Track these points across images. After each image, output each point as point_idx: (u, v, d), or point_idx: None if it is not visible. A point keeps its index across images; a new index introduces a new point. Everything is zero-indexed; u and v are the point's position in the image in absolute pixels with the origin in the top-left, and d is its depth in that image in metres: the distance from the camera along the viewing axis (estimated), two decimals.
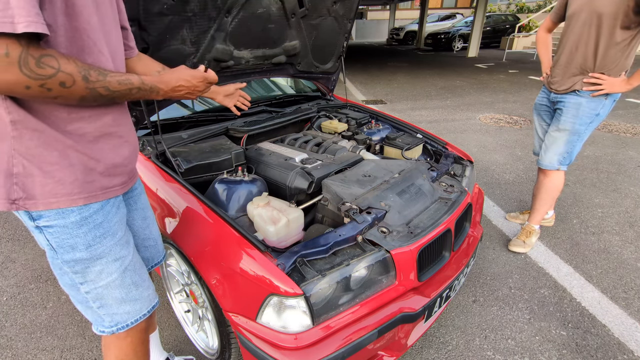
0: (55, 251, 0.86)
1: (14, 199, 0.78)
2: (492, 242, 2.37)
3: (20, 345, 1.66)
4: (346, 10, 2.08)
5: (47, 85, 0.68)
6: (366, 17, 22.26)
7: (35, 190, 0.78)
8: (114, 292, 0.96)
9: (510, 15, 15.16)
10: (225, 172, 1.54)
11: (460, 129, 4.69)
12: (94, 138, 0.84)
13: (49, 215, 0.82)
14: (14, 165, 0.76)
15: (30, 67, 0.65)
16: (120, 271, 0.95)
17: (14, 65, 0.63)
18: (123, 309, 0.99)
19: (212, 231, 1.20)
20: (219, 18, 1.56)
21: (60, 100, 0.73)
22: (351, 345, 1.09)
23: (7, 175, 0.77)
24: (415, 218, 1.35)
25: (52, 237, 0.84)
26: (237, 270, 1.11)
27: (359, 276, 1.14)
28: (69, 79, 0.70)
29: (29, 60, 0.65)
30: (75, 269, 0.89)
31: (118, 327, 1.01)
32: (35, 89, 0.67)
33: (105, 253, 0.91)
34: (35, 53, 0.65)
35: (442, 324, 1.75)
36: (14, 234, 2.48)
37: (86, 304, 0.97)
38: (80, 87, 0.72)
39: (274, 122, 1.92)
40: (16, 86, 0.65)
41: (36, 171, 0.77)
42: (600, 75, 1.86)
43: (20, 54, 0.63)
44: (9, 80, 0.64)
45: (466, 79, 8.20)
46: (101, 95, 0.77)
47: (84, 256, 0.88)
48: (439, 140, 2.04)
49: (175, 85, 0.94)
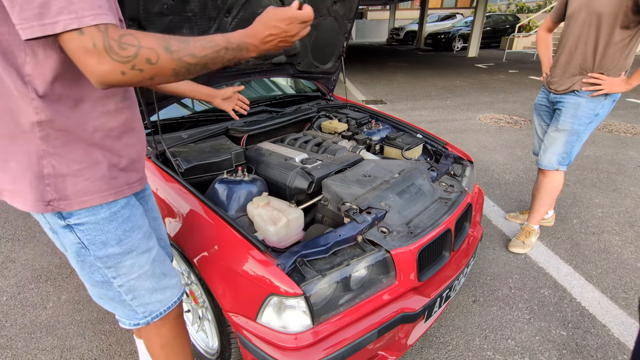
0: (87, 248, 0.86)
1: (48, 201, 0.78)
2: (492, 242, 2.37)
3: (20, 345, 1.66)
4: (346, 10, 2.08)
5: (137, 66, 0.65)
6: (366, 17, 22.26)
7: (68, 190, 0.78)
8: (146, 283, 0.97)
9: (510, 15, 15.16)
10: (225, 172, 1.54)
11: (460, 129, 4.69)
12: (119, 134, 0.84)
13: (79, 213, 0.81)
14: (44, 167, 0.75)
15: (116, 51, 0.63)
16: (150, 262, 0.97)
17: (103, 54, 0.62)
18: (155, 297, 1.01)
19: (212, 231, 1.20)
20: (219, 18, 1.56)
21: (157, 80, 0.70)
22: (351, 345, 1.09)
23: (38, 177, 0.76)
24: (415, 218, 1.35)
25: (83, 234, 0.84)
26: (237, 270, 1.11)
27: (359, 276, 1.14)
28: (153, 54, 0.67)
29: (112, 44, 0.63)
30: (108, 264, 0.89)
31: (152, 317, 1.02)
32: (129, 73, 0.65)
33: (135, 246, 0.92)
34: (114, 35, 0.64)
35: (442, 324, 1.75)
36: (14, 234, 2.48)
37: (119, 298, 0.97)
38: (166, 59, 0.68)
39: (274, 122, 1.92)
40: (113, 75, 0.64)
41: (66, 170, 0.77)
42: (600, 75, 1.86)
43: (104, 41, 0.62)
44: (106, 71, 0.63)
45: (466, 79, 8.20)
46: (190, 64, 0.72)
47: (116, 251, 0.88)
48: (439, 140, 2.04)
49: (264, 36, 0.81)
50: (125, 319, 1.03)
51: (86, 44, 0.62)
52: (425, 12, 14.97)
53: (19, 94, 0.69)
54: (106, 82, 0.65)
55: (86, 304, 1.89)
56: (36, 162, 0.75)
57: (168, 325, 1.08)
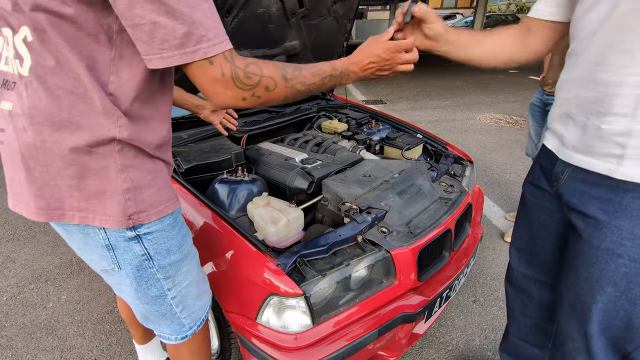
0: (152, 259, 0.83)
1: (130, 215, 0.75)
2: (492, 242, 2.37)
3: (20, 345, 1.66)
4: (346, 10, 2.08)
5: (257, 93, 0.70)
6: (366, 17, 22.27)
7: (145, 202, 0.77)
8: (192, 290, 0.96)
9: (510, 15, 15.17)
10: (225, 172, 1.54)
11: (460, 129, 4.69)
12: (168, 140, 0.84)
13: (150, 223, 0.79)
14: (123, 181, 0.73)
15: (242, 80, 0.68)
16: (197, 266, 0.97)
17: (230, 83, 0.67)
18: (198, 304, 1.00)
19: (212, 231, 1.20)
20: None
21: (265, 104, 0.75)
22: (351, 345, 1.09)
23: (119, 192, 0.73)
24: (415, 218, 1.35)
25: (151, 243, 0.81)
26: (237, 270, 1.11)
27: (359, 276, 1.14)
28: (272, 83, 0.71)
29: (239, 73, 0.67)
30: (168, 273, 0.87)
31: (197, 325, 1.01)
32: (250, 99, 0.70)
33: (189, 250, 0.92)
34: (240, 64, 0.68)
35: (442, 324, 1.75)
36: (14, 234, 2.48)
37: (170, 312, 0.93)
38: (282, 87, 0.73)
39: (274, 122, 1.92)
40: (236, 100, 0.69)
41: (142, 182, 0.76)
42: None
43: (232, 70, 0.66)
44: (231, 97, 0.68)
45: (466, 79, 8.20)
46: (299, 92, 0.77)
47: (177, 257, 0.87)
48: (439, 140, 2.04)
49: (365, 64, 0.85)
50: (172, 335, 0.99)
51: (216, 73, 0.65)
52: None
53: (104, 111, 0.67)
54: (227, 106, 0.71)
55: (86, 304, 1.89)
56: (114, 177, 0.73)
57: (200, 330, 1.06)
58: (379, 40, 0.86)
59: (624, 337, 0.80)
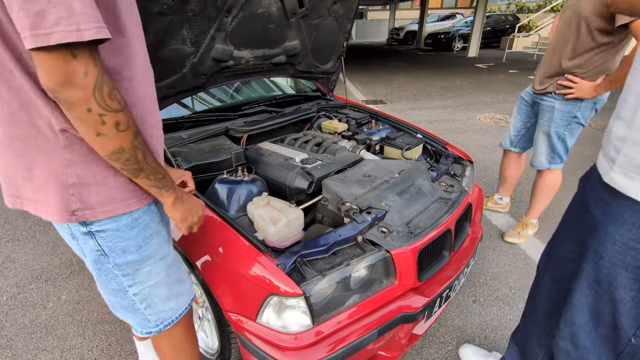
0: (107, 255, 0.84)
1: (73, 210, 0.76)
2: (492, 242, 2.37)
3: (20, 345, 1.66)
4: (346, 10, 2.08)
5: (106, 118, 0.65)
6: (366, 17, 22.26)
7: (92, 200, 0.77)
8: (161, 291, 0.96)
9: (510, 15, 15.16)
10: (225, 172, 1.54)
11: (460, 129, 4.69)
12: None
13: (101, 221, 0.80)
14: (68, 176, 0.73)
15: (104, 95, 0.63)
16: (166, 269, 0.96)
17: (89, 87, 0.61)
18: (168, 305, 1.00)
19: (212, 231, 1.20)
20: (219, 18, 1.56)
21: (99, 139, 0.67)
22: (351, 345, 1.09)
23: (63, 187, 0.74)
24: (415, 218, 1.35)
25: (104, 241, 0.82)
26: (237, 270, 1.11)
27: (359, 276, 1.14)
28: (125, 124, 0.68)
29: (105, 86, 0.63)
30: (126, 271, 0.88)
31: (165, 325, 1.02)
32: (92, 117, 0.64)
33: (153, 253, 0.91)
34: (109, 83, 0.64)
35: (442, 324, 1.75)
36: (14, 234, 2.48)
37: (132, 307, 0.95)
38: (128, 138, 0.69)
39: (274, 122, 1.92)
40: (80, 104, 0.62)
41: (91, 180, 0.75)
42: (573, 77, 1.84)
43: (98, 77, 0.62)
44: (77, 97, 0.61)
45: (466, 79, 8.20)
46: (134, 157, 0.72)
47: (135, 258, 0.87)
48: (439, 140, 2.04)
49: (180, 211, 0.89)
50: (138, 327, 1.02)
51: (78, 70, 0.59)
52: (425, 12, 14.97)
53: (41, 102, 0.67)
54: (66, 105, 0.62)
55: (86, 304, 1.89)
56: (60, 171, 0.73)
57: (180, 328, 1.07)
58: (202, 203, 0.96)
59: (612, 336, 0.81)
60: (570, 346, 0.89)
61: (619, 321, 0.79)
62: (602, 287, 0.80)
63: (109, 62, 0.70)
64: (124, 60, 0.73)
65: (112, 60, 0.71)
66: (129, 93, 0.76)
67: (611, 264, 0.77)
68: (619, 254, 0.75)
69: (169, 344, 1.09)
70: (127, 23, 0.72)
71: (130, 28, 0.73)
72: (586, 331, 0.85)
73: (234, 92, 2.31)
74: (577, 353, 0.87)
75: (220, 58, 1.69)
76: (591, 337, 0.85)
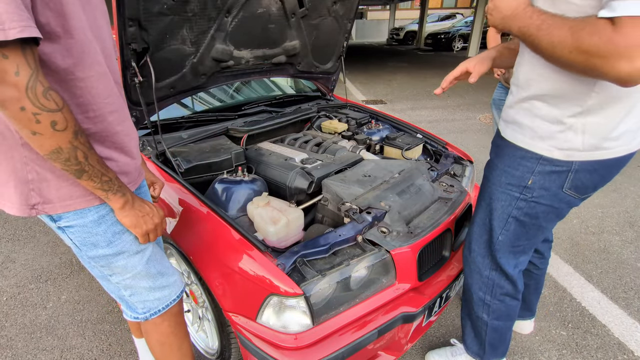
0: (80, 249, 0.89)
1: (32, 205, 0.80)
2: None
3: (20, 345, 1.66)
4: (346, 10, 2.08)
5: (41, 117, 0.64)
6: (366, 17, 22.27)
7: (52, 194, 0.80)
8: (142, 282, 0.99)
9: None
10: (225, 172, 1.54)
11: (460, 129, 4.69)
12: (101, 138, 0.84)
13: (68, 216, 0.83)
14: (28, 172, 0.77)
15: (37, 94, 0.63)
16: (144, 263, 0.97)
17: (21, 86, 0.61)
18: (153, 295, 1.03)
19: (212, 231, 1.20)
20: (219, 18, 1.56)
21: (36, 138, 0.67)
22: (351, 345, 1.09)
23: (23, 182, 0.78)
24: (415, 218, 1.35)
25: (74, 236, 0.87)
26: (237, 270, 1.11)
27: (359, 276, 1.14)
28: (63, 124, 0.67)
29: (38, 86, 0.63)
30: (101, 263, 0.92)
31: (151, 313, 1.05)
32: (26, 115, 0.63)
33: (125, 248, 0.92)
34: (44, 81, 0.64)
35: (442, 324, 1.75)
36: (14, 234, 2.48)
37: (118, 293, 1.01)
38: (66, 138, 0.69)
39: (274, 122, 1.92)
40: (13, 102, 0.62)
41: (49, 175, 0.78)
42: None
43: (31, 77, 0.62)
44: (11, 96, 0.61)
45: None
46: (74, 159, 0.72)
47: (107, 252, 0.90)
48: (439, 140, 2.04)
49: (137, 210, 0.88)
50: (127, 311, 1.08)
51: (9, 69, 0.59)
52: (425, 12, 14.97)
53: None
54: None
55: (86, 304, 1.89)
56: (20, 168, 0.76)
57: (167, 323, 1.09)
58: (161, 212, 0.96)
59: (489, 239, 1.16)
60: (467, 252, 1.26)
61: (492, 224, 1.13)
62: (486, 201, 1.14)
63: (60, 63, 0.71)
64: (75, 61, 0.74)
65: (62, 61, 0.72)
66: (83, 92, 0.77)
67: (492, 183, 1.11)
68: (498, 176, 1.09)
69: (157, 338, 1.12)
70: (77, 24, 0.72)
71: (79, 29, 0.73)
72: (476, 239, 1.21)
73: (234, 92, 2.31)
74: (470, 257, 1.23)
75: (220, 58, 1.69)
76: (478, 243, 1.20)
